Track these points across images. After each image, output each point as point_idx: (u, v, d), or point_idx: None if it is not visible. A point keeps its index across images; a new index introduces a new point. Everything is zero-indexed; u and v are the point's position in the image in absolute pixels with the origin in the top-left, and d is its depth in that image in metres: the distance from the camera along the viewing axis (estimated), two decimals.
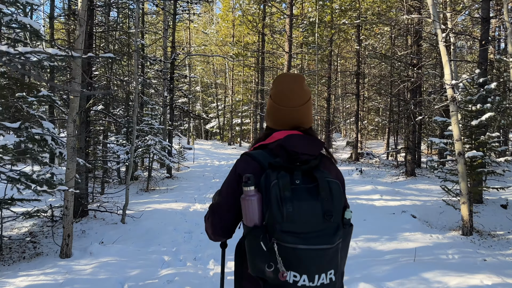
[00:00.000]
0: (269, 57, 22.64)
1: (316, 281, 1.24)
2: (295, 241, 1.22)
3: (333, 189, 1.31)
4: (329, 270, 1.27)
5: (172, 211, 7.78)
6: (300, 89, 1.46)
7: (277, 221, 1.22)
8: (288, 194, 1.24)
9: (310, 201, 1.26)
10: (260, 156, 1.39)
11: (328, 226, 1.27)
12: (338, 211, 1.31)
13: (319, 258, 1.24)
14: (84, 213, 7.16)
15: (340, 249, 1.31)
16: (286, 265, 1.21)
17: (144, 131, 10.13)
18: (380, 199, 9.74)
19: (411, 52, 12.79)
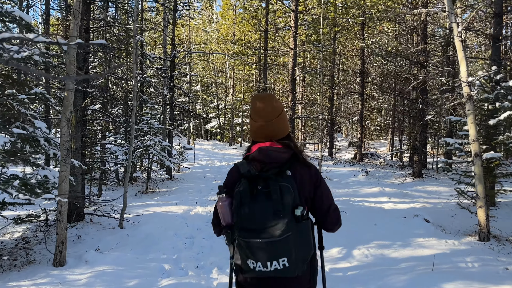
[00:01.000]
0: (270, 56, 22.34)
1: (269, 267, 1.55)
2: (249, 236, 1.54)
3: (283, 192, 1.56)
4: (281, 258, 1.54)
5: (173, 214, 7.48)
6: (270, 106, 1.74)
7: (237, 220, 1.57)
8: (246, 199, 1.56)
9: (264, 202, 1.55)
10: (241, 167, 1.70)
11: (277, 222, 1.52)
12: (287, 209, 1.55)
13: (268, 248, 1.53)
14: (80, 217, 6.86)
15: (291, 240, 1.54)
16: (245, 254, 1.57)
17: (143, 131, 9.84)
18: (388, 201, 9.44)
19: (419, 50, 12.48)
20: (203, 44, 29.92)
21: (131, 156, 6.41)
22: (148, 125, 9.65)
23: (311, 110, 26.89)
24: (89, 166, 8.03)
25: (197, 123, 34.63)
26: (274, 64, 18.72)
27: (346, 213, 7.86)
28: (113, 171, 10.55)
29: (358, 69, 18.14)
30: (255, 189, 1.59)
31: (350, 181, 12.31)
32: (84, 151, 7.57)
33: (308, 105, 24.03)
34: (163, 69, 11.45)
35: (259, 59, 22.65)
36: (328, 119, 28.04)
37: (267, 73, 19.49)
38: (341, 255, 5.40)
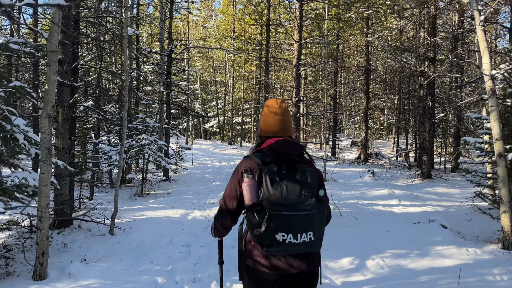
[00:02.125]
0: (272, 53, 21.86)
1: (299, 239, 1.77)
2: (281, 209, 1.76)
3: (308, 175, 1.83)
4: (308, 231, 1.79)
5: (168, 219, 7.01)
6: (285, 106, 2.08)
7: (268, 197, 1.77)
8: (276, 178, 1.79)
9: (292, 183, 1.79)
10: (257, 157, 1.93)
11: (305, 200, 1.78)
12: (312, 190, 1.81)
13: (299, 221, 1.77)
14: (67, 223, 6.39)
15: (316, 217, 1.81)
16: (276, 228, 1.76)
17: (138, 129, 9.36)
18: (398, 204, 8.98)
19: (428, 44, 12.01)
20: (202, 41, 29.45)
21: (123, 157, 5.94)
22: (143, 124, 9.18)
23: (313, 108, 26.42)
24: (79, 167, 7.56)
25: (196, 122, 34.16)
26: (277, 58, 18.19)
27: (355, 217, 7.40)
28: (107, 172, 10.07)
29: (363, 66, 17.66)
30: (280, 172, 1.81)
31: (356, 183, 11.84)
32: (73, 150, 7.09)
33: (311, 103, 23.55)
34: (159, 65, 10.97)
35: (259, 55, 22.19)
36: (331, 117, 27.57)
37: (268, 71, 18.98)
38: (354, 266, 4.93)
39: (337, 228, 6.60)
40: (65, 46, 6.25)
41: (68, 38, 6.27)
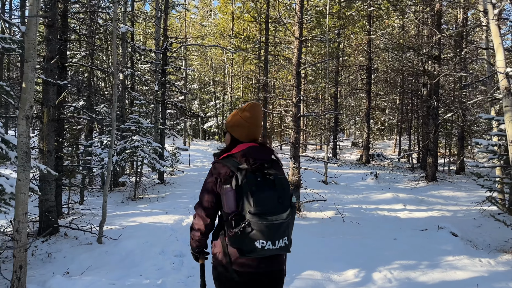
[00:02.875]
0: (271, 52, 21.51)
1: (276, 244, 1.87)
2: (260, 219, 1.82)
3: (283, 183, 1.94)
4: (284, 237, 1.91)
5: (161, 226, 6.66)
6: (260, 112, 2.18)
7: (248, 207, 1.83)
8: (254, 188, 1.85)
9: (269, 191, 1.87)
10: (229, 163, 1.99)
11: (281, 208, 1.87)
12: (287, 197, 1.92)
13: (277, 229, 1.86)
14: (53, 230, 6.04)
15: (290, 223, 1.94)
16: (255, 236, 1.83)
17: (131, 130, 9.02)
18: (403, 209, 8.65)
19: (434, 42, 11.68)
20: (200, 39, 29.11)
21: (112, 160, 5.60)
22: (137, 124, 8.83)
23: (312, 108, 26.09)
24: (67, 170, 7.21)
25: (195, 122, 33.81)
26: (277, 56, 17.81)
27: (359, 224, 7.08)
28: (99, 175, 9.73)
29: (364, 65, 17.32)
30: (256, 180, 1.87)
31: (359, 186, 11.51)
32: (60, 153, 6.75)
33: (311, 103, 23.22)
34: (154, 63, 10.62)
35: (259, 54, 21.84)
36: (331, 118, 27.17)
37: (268, 68, 18.63)
38: (359, 279, 4.59)
39: (340, 236, 6.27)
40: (50, 42, 5.91)
41: (53, 34, 5.92)
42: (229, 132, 2.17)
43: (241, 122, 2.10)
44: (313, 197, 8.31)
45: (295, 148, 7.67)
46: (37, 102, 6.19)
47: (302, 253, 5.27)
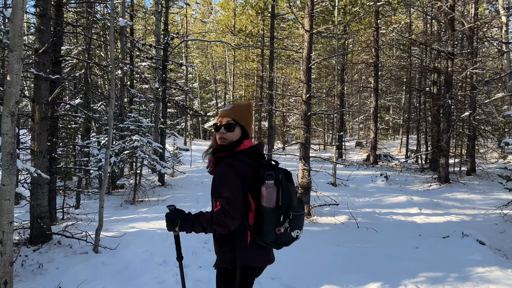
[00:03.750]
0: (276, 50, 21.07)
1: (301, 232, 2.06)
2: (298, 210, 2.02)
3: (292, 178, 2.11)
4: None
5: (162, 232, 6.24)
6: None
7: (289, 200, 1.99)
8: (288, 183, 2.02)
9: (292, 186, 2.05)
10: (245, 159, 2.04)
11: (301, 200, 2.16)
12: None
13: (303, 218, 2.07)
14: (45, 238, 5.62)
15: None
16: (295, 226, 2.00)
17: (130, 130, 8.60)
18: (419, 213, 8.22)
19: (447, 38, 11.24)
20: (201, 36, 28.69)
21: (109, 161, 5.19)
22: (136, 123, 8.41)
23: (315, 107, 25.64)
24: (61, 172, 6.79)
25: (195, 122, 33.42)
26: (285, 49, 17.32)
27: (375, 230, 6.65)
28: (96, 177, 9.31)
29: (371, 62, 16.89)
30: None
31: (369, 188, 11.08)
32: (54, 154, 6.33)
33: (314, 102, 22.76)
34: (154, 59, 10.20)
35: (262, 51, 21.40)
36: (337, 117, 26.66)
37: (273, 65, 18.18)
38: None
39: (356, 244, 5.84)
40: (43, 33, 5.48)
41: (46, 24, 5.50)
42: (242, 126, 2.12)
43: (252, 118, 2.18)
44: (324, 201, 7.88)
45: (305, 149, 7.24)
46: (28, 99, 5.77)
47: (318, 264, 4.85)
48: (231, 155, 2.04)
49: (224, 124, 2.09)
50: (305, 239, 6.38)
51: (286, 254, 4.93)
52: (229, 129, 2.07)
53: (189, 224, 2.04)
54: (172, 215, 2.11)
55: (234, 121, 2.09)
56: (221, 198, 1.97)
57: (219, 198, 1.98)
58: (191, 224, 2.03)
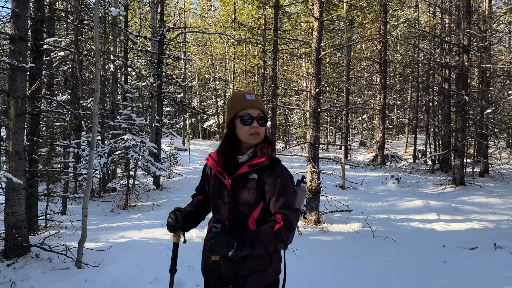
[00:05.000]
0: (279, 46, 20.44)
1: None
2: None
3: None
4: None
5: (156, 243, 5.63)
6: None
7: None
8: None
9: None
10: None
11: None
12: None
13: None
14: (22, 251, 5.01)
15: None
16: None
17: (122, 128, 7.99)
18: (438, 220, 7.63)
19: (464, 30, 10.63)
20: (200, 32, 28.04)
21: (94, 163, 4.58)
22: (128, 121, 7.81)
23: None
24: (44, 175, 6.19)
25: (194, 121, 32.83)
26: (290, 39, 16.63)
27: (393, 240, 6.04)
28: (85, 179, 8.68)
29: (379, 58, 16.27)
30: None
31: (380, 191, 10.47)
32: (34, 155, 5.72)
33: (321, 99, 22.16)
34: (149, 52, 9.60)
35: (263, 46, 20.77)
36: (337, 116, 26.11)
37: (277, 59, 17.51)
38: None
39: (375, 258, 5.23)
40: (19, 17, 4.87)
41: (22, 8, 4.89)
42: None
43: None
44: (335, 206, 7.27)
45: (315, 149, 6.64)
46: (3, 93, 5.16)
47: (334, 283, 4.24)
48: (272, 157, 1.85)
49: (257, 116, 1.81)
50: (316, 251, 5.79)
51: (298, 271, 4.31)
52: (262, 124, 1.82)
53: (248, 246, 1.67)
54: (224, 236, 1.68)
55: (264, 115, 1.85)
56: (288, 210, 1.76)
57: (286, 209, 1.75)
58: (251, 246, 1.69)
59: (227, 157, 1.83)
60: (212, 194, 1.89)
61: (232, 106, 1.85)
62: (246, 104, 1.81)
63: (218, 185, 1.85)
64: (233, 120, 1.83)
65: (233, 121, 1.83)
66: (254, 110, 1.81)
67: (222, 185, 1.83)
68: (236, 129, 1.82)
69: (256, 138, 1.79)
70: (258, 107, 1.82)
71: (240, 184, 1.78)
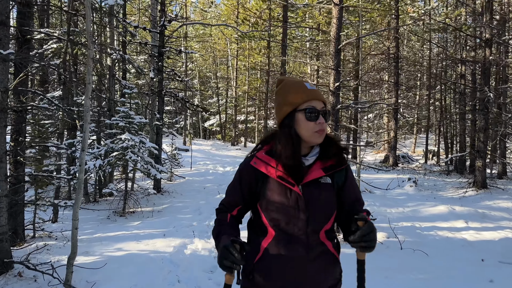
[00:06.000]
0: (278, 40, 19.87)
1: None
2: None
3: None
4: None
5: (157, 257, 5.04)
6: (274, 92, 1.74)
7: None
8: None
9: None
10: None
11: None
12: None
13: None
14: (4, 268, 4.41)
15: None
16: None
17: (119, 127, 7.40)
18: (467, 228, 7.01)
19: (486, 23, 10.03)
20: (202, 27, 27.53)
21: (84, 168, 3.99)
22: (126, 119, 7.21)
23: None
24: (33, 180, 5.60)
25: (195, 120, 32.27)
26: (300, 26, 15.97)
27: (424, 253, 5.43)
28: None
29: (392, 53, 15.68)
30: None
31: (397, 194, 9.86)
32: (19, 157, 5.13)
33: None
34: (148, 44, 9.01)
35: (268, 43, 20.22)
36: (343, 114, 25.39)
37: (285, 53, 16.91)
38: None
39: (406, 275, 4.62)
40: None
41: None
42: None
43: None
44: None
45: None
46: None
47: None
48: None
49: (321, 110, 1.57)
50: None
51: None
52: (327, 119, 1.58)
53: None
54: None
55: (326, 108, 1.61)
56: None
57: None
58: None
59: (294, 160, 1.52)
60: (276, 206, 1.53)
61: (290, 97, 1.56)
62: (310, 95, 1.54)
63: (285, 194, 1.52)
64: (293, 115, 1.54)
65: (292, 116, 1.54)
66: (318, 102, 1.55)
67: (291, 194, 1.52)
68: (296, 125, 1.53)
69: (322, 136, 1.54)
70: (322, 98, 1.58)
71: (314, 192, 1.53)
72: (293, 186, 1.51)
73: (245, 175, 1.62)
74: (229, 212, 1.69)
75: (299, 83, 1.59)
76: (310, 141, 1.55)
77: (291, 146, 1.52)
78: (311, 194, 1.52)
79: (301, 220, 1.51)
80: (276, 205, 1.54)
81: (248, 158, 1.63)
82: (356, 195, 1.64)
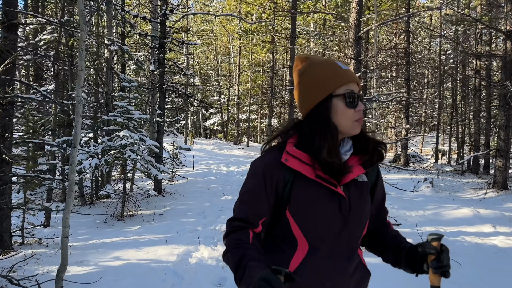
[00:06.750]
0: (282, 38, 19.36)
1: None
2: None
3: None
4: None
5: (158, 267, 4.55)
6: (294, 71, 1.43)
7: None
8: None
9: None
10: None
11: None
12: None
13: None
14: None
15: None
16: None
17: (117, 123, 6.91)
18: (496, 233, 6.51)
19: (507, 12, 9.52)
20: (204, 22, 27.06)
21: (75, 168, 3.50)
22: (125, 115, 6.72)
23: None
24: (22, 181, 5.11)
25: (196, 119, 31.81)
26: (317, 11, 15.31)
27: (457, 262, 4.92)
28: (77, 184, 7.63)
29: (403, 48, 15.17)
30: None
31: (414, 196, 9.36)
32: (5, 156, 4.64)
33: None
34: (149, 35, 8.52)
35: (272, 38, 19.75)
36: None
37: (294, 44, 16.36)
38: None
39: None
40: None
41: None
42: None
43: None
44: None
45: None
46: None
47: None
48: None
49: (359, 95, 1.29)
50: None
51: None
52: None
53: None
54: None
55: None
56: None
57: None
58: None
59: (336, 155, 1.24)
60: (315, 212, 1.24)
61: (323, 80, 1.27)
62: (346, 77, 1.27)
63: (326, 197, 1.24)
64: (328, 101, 1.26)
65: (327, 103, 1.27)
66: (355, 85, 1.29)
67: (332, 196, 1.25)
68: (332, 113, 1.26)
69: (360, 125, 1.30)
70: (358, 80, 1.31)
71: (355, 193, 1.29)
72: (335, 187, 1.25)
73: (271, 176, 1.28)
74: (251, 228, 1.30)
75: (332, 63, 1.31)
76: (347, 132, 1.29)
77: (330, 140, 1.25)
78: (353, 196, 1.29)
79: (345, 227, 1.27)
80: (315, 210, 1.25)
81: (272, 155, 1.31)
82: (384, 195, 1.49)
